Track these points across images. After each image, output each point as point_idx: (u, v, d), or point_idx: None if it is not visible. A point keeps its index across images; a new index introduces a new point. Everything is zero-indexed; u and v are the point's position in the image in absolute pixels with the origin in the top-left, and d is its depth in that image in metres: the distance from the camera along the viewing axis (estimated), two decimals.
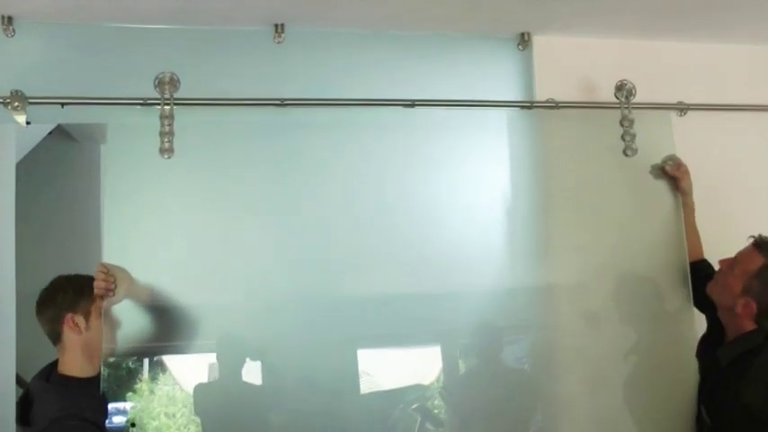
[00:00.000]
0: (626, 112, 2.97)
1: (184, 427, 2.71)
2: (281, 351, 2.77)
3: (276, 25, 2.95)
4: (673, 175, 3.01)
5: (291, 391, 2.79)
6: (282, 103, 2.82)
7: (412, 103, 2.90)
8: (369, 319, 2.89)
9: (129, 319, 2.56)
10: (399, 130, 2.98)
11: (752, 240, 2.61)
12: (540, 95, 3.10)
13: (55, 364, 2.44)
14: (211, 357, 2.73)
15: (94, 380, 2.44)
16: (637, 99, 3.04)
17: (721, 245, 2.78)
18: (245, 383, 2.79)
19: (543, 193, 3.04)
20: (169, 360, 2.76)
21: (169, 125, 2.62)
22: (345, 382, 2.86)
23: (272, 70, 2.97)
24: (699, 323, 2.91)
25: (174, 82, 2.68)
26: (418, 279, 2.90)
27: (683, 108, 3.22)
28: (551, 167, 3.04)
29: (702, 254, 2.98)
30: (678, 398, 2.86)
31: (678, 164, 3.01)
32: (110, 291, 2.44)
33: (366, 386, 2.86)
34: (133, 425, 2.66)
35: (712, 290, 2.72)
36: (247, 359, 2.78)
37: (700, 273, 2.89)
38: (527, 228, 3.04)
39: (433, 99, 2.95)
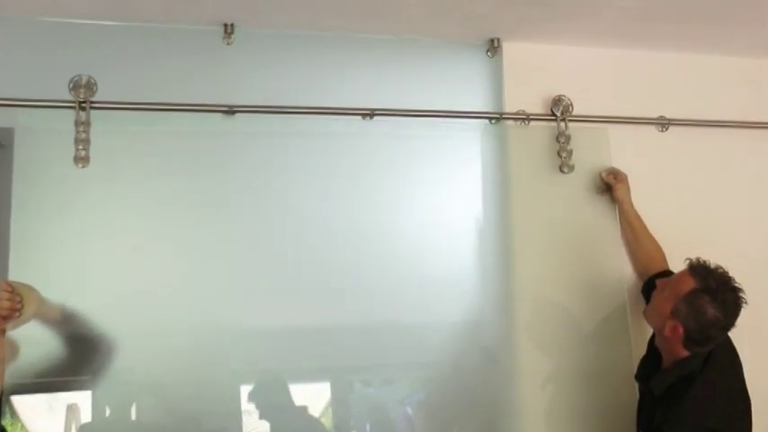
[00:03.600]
0: (562, 127, 3.01)
1: None
2: (171, 387, 2.71)
3: (225, 25, 2.85)
4: (607, 182, 3.03)
5: None
6: (231, 111, 2.74)
7: (371, 113, 2.85)
8: (309, 352, 2.84)
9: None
10: (358, 142, 2.94)
11: (688, 263, 2.58)
12: (510, 106, 3.05)
13: None
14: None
15: None
16: (613, 111, 3.09)
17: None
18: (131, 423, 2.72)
19: (507, 212, 3.00)
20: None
21: (84, 132, 2.55)
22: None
23: (220, 74, 2.86)
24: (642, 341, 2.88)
25: (90, 85, 2.62)
26: (359, 308, 2.88)
27: (663, 123, 3.20)
28: (519, 184, 3.00)
29: (665, 265, 2.96)
30: (617, 421, 2.88)
31: (614, 172, 3.03)
32: (15, 311, 2.30)
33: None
34: None
35: (646, 312, 2.72)
36: (134, 397, 2.71)
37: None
38: (490, 251, 3.03)
39: (394, 108, 2.89)
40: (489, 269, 3.00)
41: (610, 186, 3.03)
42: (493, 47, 3.09)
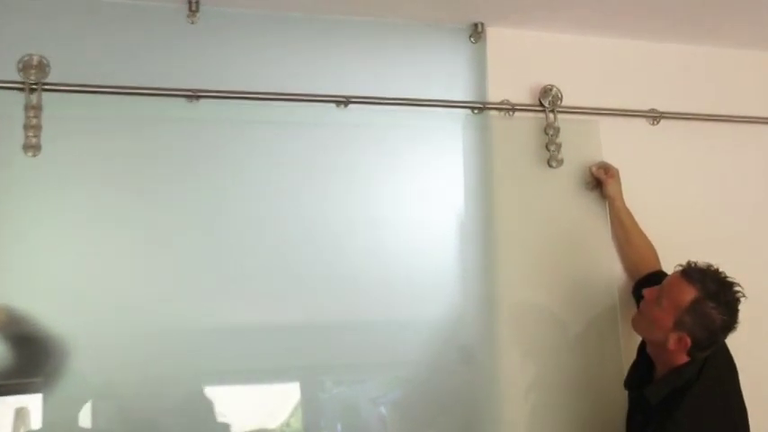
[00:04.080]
0: (551, 119, 2.92)
1: None
2: (127, 390, 2.55)
3: (190, 2, 2.67)
4: (597, 177, 2.95)
5: None
6: (195, 96, 2.59)
7: (346, 101, 2.74)
8: (275, 351, 2.70)
9: None
10: (331, 132, 2.79)
11: (680, 269, 2.48)
12: (494, 95, 2.93)
13: None
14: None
15: None
16: (604, 102, 3.01)
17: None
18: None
19: (490, 208, 2.89)
20: None
21: (35, 117, 2.41)
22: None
23: (184, 56, 2.69)
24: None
25: (42, 66, 2.47)
26: (332, 305, 2.75)
27: (655, 116, 3.11)
28: (503, 178, 2.90)
29: (658, 265, 2.88)
30: (604, 430, 2.82)
31: (606, 167, 2.95)
32: None
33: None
34: None
35: (637, 324, 2.61)
36: (88, 400, 2.54)
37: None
38: (474, 249, 2.90)
39: (370, 96, 2.78)
40: (471, 267, 2.88)
41: (600, 182, 2.93)
42: (476, 32, 2.95)
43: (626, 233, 2.94)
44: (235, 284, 2.65)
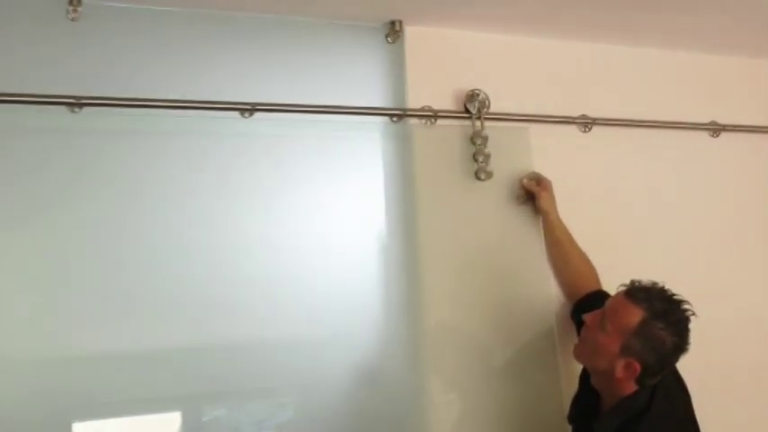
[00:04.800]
0: (478, 126, 2.76)
1: None
2: None
3: None
4: (529, 189, 2.81)
5: None
6: (77, 103, 2.35)
7: (251, 109, 2.53)
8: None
9: None
10: (235, 143, 2.58)
11: (623, 289, 2.36)
12: (414, 101, 2.75)
13: None
14: None
15: None
16: (534, 109, 2.87)
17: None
18: None
19: (413, 225, 2.71)
20: None
21: None
22: None
23: (64, 57, 2.46)
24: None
25: None
26: (246, 327, 2.54)
27: (587, 123, 2.97)
28: (427, 192, 2.72)
29: (597, 284, 2.75)
30: None
31: (538, 178, 2.82)
32: None
33: None
34: None
35: (580, 353, 2.48)
36: None
37: (591, 310, 2.59)
38: (395, 271, 2.71)
39: (278, 103, 2.58)
40: (392, 289, 2.69)
41: (532, 195, 2.78)
42: (393, 30, 2.78)
43: (561, 250, 2.80)
44: (111, 308, 2.41)
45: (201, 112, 2.48)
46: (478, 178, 2.72)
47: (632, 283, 2.34)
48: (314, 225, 2.63)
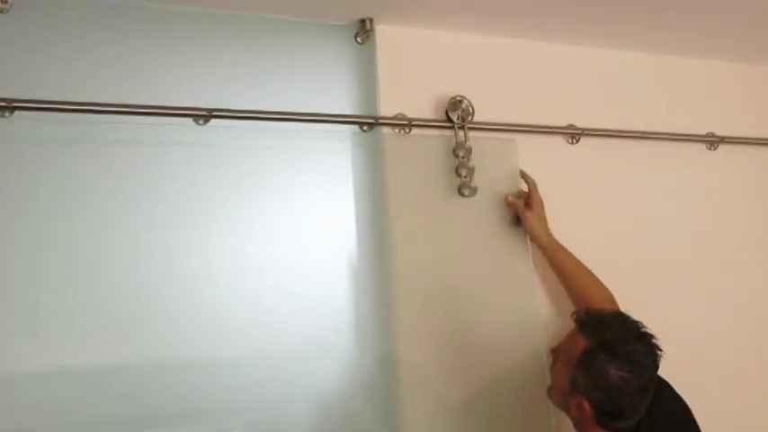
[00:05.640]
0: (461, 137, 2.60)
1: None
2: None
3: None
4: (515, 209, 2.65)
5: None
6: (9, 107, 2.15)
7: (207, 115, 2.35)
8: None
9: None
10: (189, 152, 2.41)
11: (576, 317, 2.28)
12: (387, 108, 2.60)
13: None
14: None
15: None
16: (517, 118, 2.72)
17: None
18: None
19: (387, 246, 2.54)
20: None
21: None
22: None
23: None
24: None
25: None
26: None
27: (574, 133, 2.84)
28: (402, 209, 2.54)
29: (610, 304, 2.54)
30: None
31: (527, 196, 2.67)
32: None
33: None
34: None
35: (548, 392, 2.37)
36: None
37: None
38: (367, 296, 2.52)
39: (236, 110, 2.40)
40: (363, 318, 2.50)
41: (516, 212, 2.66)
42: (363, 29, 2.64)
43: (561, 273, 2.62)
44: (35, 325, 2.22)
45: (150, 119, 2.30)
46: (462, 194, 2.56)
47: (586, 311, 2.24)
48: (275, 245, 2.46)
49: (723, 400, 2.78)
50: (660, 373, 2.16)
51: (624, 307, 2.37)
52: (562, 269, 2.61)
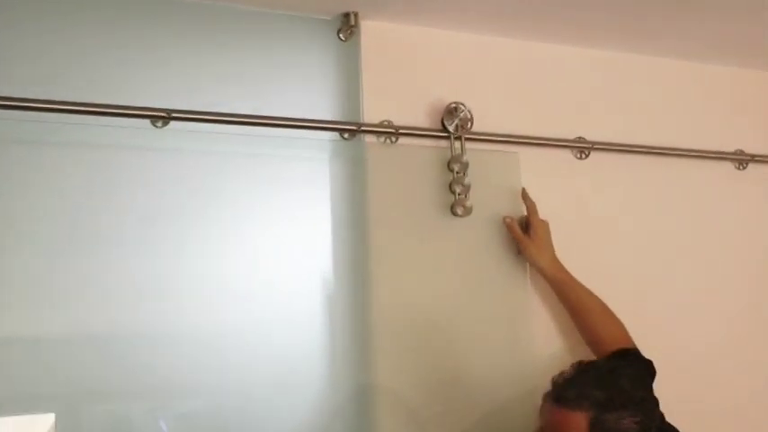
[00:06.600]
0: (457, 149, 2.43)
1: None
2: None
3: None
4: (513, 234, 2.49)
5: None
6: None
7: (166, 116, 2.15)
8: None
9: None
10: (145, 158, 2.23)
11: (549, 398, 2.11)
12: (371, 114, 2.42)
13: None
14: None
15: None
16: (520, 129, 2.56)
17: None
18: None
19: (368, 268, 2.37)
20: None
21: None
22: None
23: None
24: None
25: None
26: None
27: (584, 147, 2.68)
28: (385, 227, 2.38)
29: (625, 340, 2.43)
30: None
31: (529, 222, 2.51)
32: None
33: None
34: None
35: None
36: None
37: None
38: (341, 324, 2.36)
39: (200, 111, 2.20)
40: (338, 350, 2.35)
41: (515, 238, 2.49)
42: (347, 25, 2.46)
43: (573, 310, 2.48)
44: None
45: (102, 119, 2.11)
46: (455, 214, 2.41)
47: (553, 382, 2.09)
48: (241, 265, 2.30)
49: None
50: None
51: (641, 344, 2.33)
52: (571, 303, 2.48)
